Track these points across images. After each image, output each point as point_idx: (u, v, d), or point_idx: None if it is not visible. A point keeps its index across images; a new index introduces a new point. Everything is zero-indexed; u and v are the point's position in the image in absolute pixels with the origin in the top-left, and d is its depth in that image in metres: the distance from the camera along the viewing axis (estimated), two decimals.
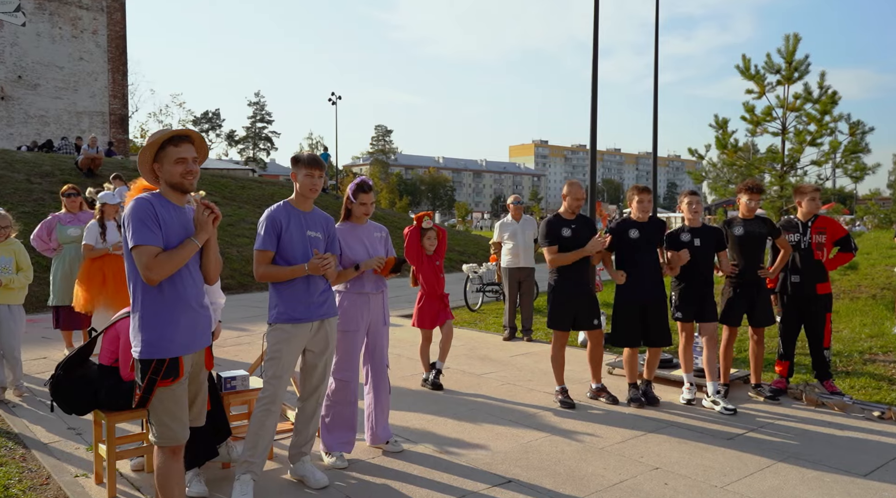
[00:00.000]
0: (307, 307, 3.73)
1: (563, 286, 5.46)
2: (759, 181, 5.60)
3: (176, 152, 2.90)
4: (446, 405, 5.49)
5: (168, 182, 2.93)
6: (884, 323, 8.11)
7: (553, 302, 5.53)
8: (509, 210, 8.63)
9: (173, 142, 2.91)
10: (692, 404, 5.42)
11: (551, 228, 5.46)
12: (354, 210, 4.29)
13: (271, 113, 66.81)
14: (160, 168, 2.93)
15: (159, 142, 2.89)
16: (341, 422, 4.20)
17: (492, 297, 11.36)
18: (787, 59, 9.52)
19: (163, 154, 2.91)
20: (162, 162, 2.92)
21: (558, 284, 5.48)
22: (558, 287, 5.48)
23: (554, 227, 5.47)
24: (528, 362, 7.12)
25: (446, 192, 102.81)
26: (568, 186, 5.59)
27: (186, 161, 2.91)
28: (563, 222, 5.49)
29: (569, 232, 5.43)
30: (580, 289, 5.48)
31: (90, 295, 6.22)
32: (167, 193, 2.94)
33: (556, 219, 5.54)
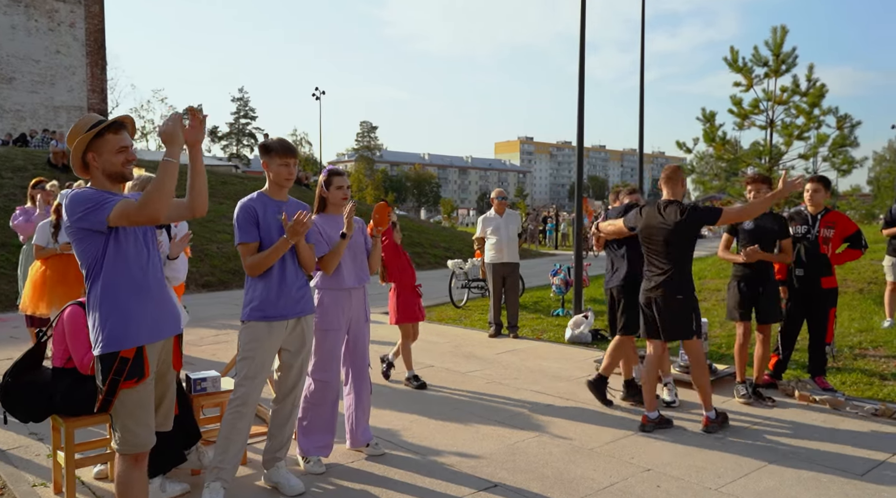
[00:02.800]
0: (283, 304, 3.53)
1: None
2: (765, 173, 5.39)
3: (117, 140, 2.72)
4: (430, 405, 5.30)
5: (108, 172, 2.73)
6: (872, 318, 8.03)
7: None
8: (492, 204, 8.45)
9: (112, 129, 2.71)
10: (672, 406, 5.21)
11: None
12: (331, 197, 4.08)
13: (255, 109, 66.16)
14: (96, 157, 2.72)
15: (97, 130, 2.68)
16: (319, 424, 4.00)
17: (477, 293, 11.19)
18: (775, 51, 9.42)
19: (100, 142, 2.70)
20: (100, 151, 2.71)
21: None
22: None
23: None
24: (514, 360, 6.95)
25: (432, 189, 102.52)
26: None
27: (128, 149, 2.72)
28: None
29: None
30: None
31: (34, 296, 5.91)
32: (104, 185, 2.74)
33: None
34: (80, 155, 2.73)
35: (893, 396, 5.38)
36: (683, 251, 4.67)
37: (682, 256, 4.67)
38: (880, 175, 59.16)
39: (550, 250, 25.54)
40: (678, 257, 4.65)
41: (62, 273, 5.79)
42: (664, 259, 4.66)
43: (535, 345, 7.74)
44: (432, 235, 22.06)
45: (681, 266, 4.66)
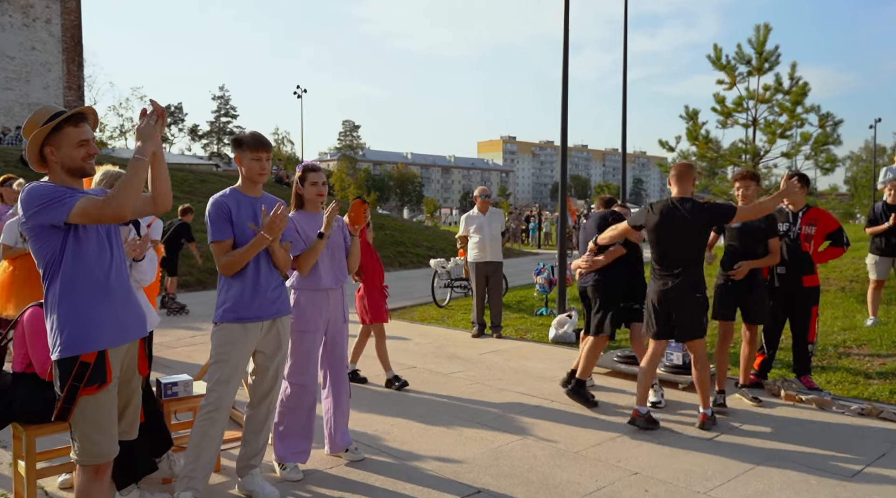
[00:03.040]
0: (258, 304, 3.39)
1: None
2: (753, 169, 5.28)
3: (77, 134, 2.56)
4: (412, 407, 5.17)
5: (68, 166, 2.58)
6: (855, 316, 8.03)
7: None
8: (475, 202, 8.33)
9: (72, 122, 2.56)
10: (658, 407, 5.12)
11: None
12: (306, 194, 3.94)
13: (236, 107, 65.43)
14: (55, 152, 2.56)
15: (55, 123, 2.53)
16: (296, 430, 3.86)
17: (460, 292, 11.08)
18: (758, 49, 9.40)
19: (59, 136, 2.54)
20: (58, 145, 2.55)
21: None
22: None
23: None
24: (497, 360, 6.84)
25: (415, 188, 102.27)
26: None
27: (89, 142, 2.57)
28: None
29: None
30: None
31: (1, 298, 5.68)
32: (63, 180, 2.58)
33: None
34: (38, 149, 2.57)
35: (879, 395, 5.35)
36: (700, 248, 4.66)
37: (699, 252, 4.66)
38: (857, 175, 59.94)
39: (533, 249, 25.52)
40: (696, 254, 4.63)
41: (31, 274, 5.57)
42: (681, 256, 4.60)
43: (519, 345, 7.64)
44: (415, 235, 21.93)
45: (698, 263, 4.65)
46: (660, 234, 4.66)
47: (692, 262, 4.61)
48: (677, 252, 4.61)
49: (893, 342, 6.84)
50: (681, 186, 4.71)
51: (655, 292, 4.70)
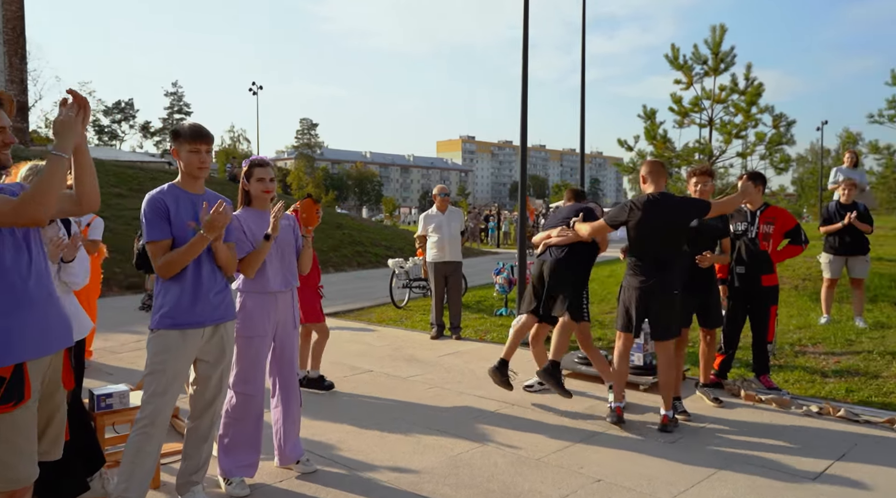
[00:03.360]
0: (199, 309, 3.14)
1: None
2: (709, 165, 5.22)
3: None
4: (368, 414, 4.97)
5: None
6: (809, 314, 8.13)
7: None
8: (434, 201, 8.16)
9: None
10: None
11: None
12: (253, 190, 3.71)
13: (190, 104, 63.55)
14: None
15: None
16: (243, 442, 3.62)
17: (419, 293, 10.88)
18: (714, 50, 9.47)
19: None
20: None
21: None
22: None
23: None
24: (456, 363, 6.68)
25: (374, 187, 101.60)
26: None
27: (6, 131, 2.32)
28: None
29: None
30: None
31: None
32: None
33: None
34: None
35: (835, 394, 5.37)
36: (682, 244, 4.66)
37: (681, 248, 4.66)
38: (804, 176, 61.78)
39: (493, 249, 25.49)
40: (679, 250, 4.65)
41: None
42: (665, 252, 4.57)
43: (479, 346, 7.50)
44: (373, 234, 21.65)
45: (679, 260, 4.65)
46: (644, 231, 4.59)
47: (675, 258, 4.61)
48: (661, 248, 4.57)
49: (847, 340, 6.93)
50: (657, 183, 4.68)
51: (635, 288, 4.62)
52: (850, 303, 8.09)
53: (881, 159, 18.56)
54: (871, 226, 7.50)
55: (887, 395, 5.32)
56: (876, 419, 4.67)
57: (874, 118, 17.62)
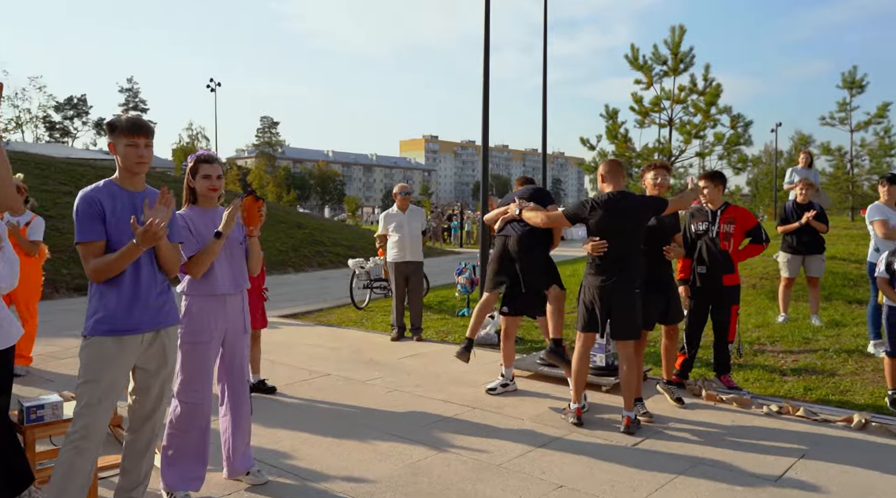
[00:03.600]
0: (137, 314, 2.93)
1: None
2: (666, 161, 5.17)
3: None
4: (324, 420, 4.79)
5: None
6: (767, 313, 8.22)
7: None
8: (395, 200, 8.01)
9: None
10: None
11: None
12: (198, 187, 3.51)
13: (146, 101, 61.75)
14: None
15: None
16: (188, 453, 3.42)
17: (380, 293, 10.71)
18: (673, 50, 9.52)
19: None
20: None
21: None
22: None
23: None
24: (417, 365, 6.54)
25: (336, 187, 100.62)
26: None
27: None
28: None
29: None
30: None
31: None
32: None
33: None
34: None
35: (794, 392, 5.39)
36: (641, 242, 4.66)
37: (639, 246, 4.66)
38: (758, 176, 63.27)
39: (455, 248, 25.41)
40: (638, 248, 4.64)
41: None
42: (626, 250, 4.54)
43: (440, 348, 7.37)
44: (334, 233, 21.36)
45: (639, 258, 4.63)
46: (605, 229, 4.55)
47: (635, 256, 4.60)
48: (622, 246, 4.55)
49: (803, 338, 7.01)
50: (616, 181, 4.67)
51: (596, 287, 4.57)
52: (806, 301, 8.21)
53: (832, 160, 19.03)
54: (826, 225, 7.61)
55: (844, 393, 5.36)
56: (834, 418, 4.69)
57: (826, 120, 18.06)
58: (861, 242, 12.17)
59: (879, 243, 6.21)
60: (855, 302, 8.56)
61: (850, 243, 12.28)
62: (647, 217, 4.65)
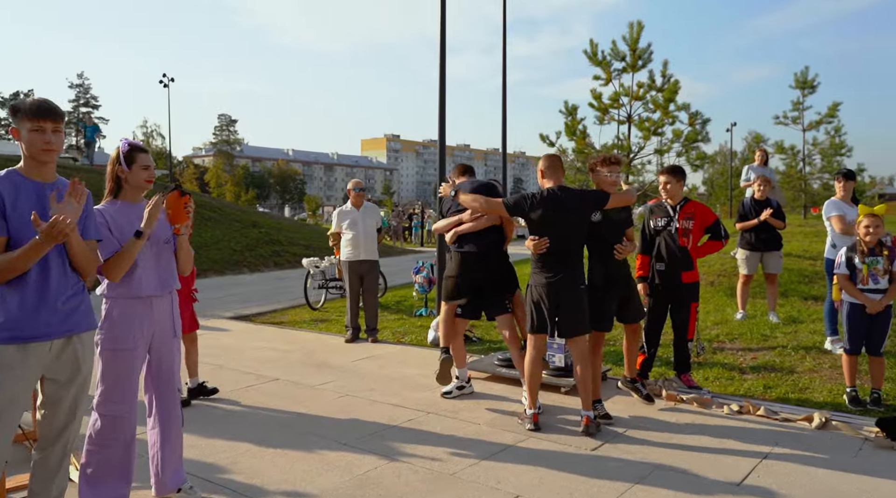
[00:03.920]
0: (44, 319, 2.63)
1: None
2: (617, 155, 4.95)
3: None
4: (269, 429, 4.51)
5: None
6: (725, 310, 8.20)
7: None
8: (349, 196, 7.73)
9: None
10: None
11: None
12: (133, 179, 3.19)
13: (98, 97, 59.58)
14: None
15: None
16: (110, 471, 3.11)
17: (336, 293, 10.41)
18: (632, 46, 9.46)
19: None
20: None
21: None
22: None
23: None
24: (371, 368, 6.28)
25: (296, 186, 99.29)
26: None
27: None
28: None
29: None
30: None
31: None
32: None
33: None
34: None
35: (754, 391, 5.32)
36: (584, 237, 4.56)
37: (583, 242, 4.57)
38: (713, 176, 64.54)
39: (416, 247, 25.16)
40: (582, 244, 4.55)
41: None
42: (571, 246, 4.46)
43: (395, 349, 7.13)
44: (292, 233, 20.92)
45: (581, 254, 4.53)
46: (547, 225, 4.43)
47: (579, 252, 4.52)
48: (565, 242, 4.45)
49: (762, 335, 6.98)
50: (556, 176, 4.60)
51: (543, 285, 4.43)
52: (764, 298, 8.21)
53: (786, 159, 19.36)
54: (783, 222, 7.61)
55: (803, 391, 5.30)
56: (794, 417, 4.61)
57: (780, 120, 18.37)
58: (814, 239, 12.35)
59: (836, 239, 6.20)
60: (811, 298, 8.61)
61: (804, 240, 12.45)
62: (588, 211, 4.51)
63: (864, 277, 4.92)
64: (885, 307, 4.88)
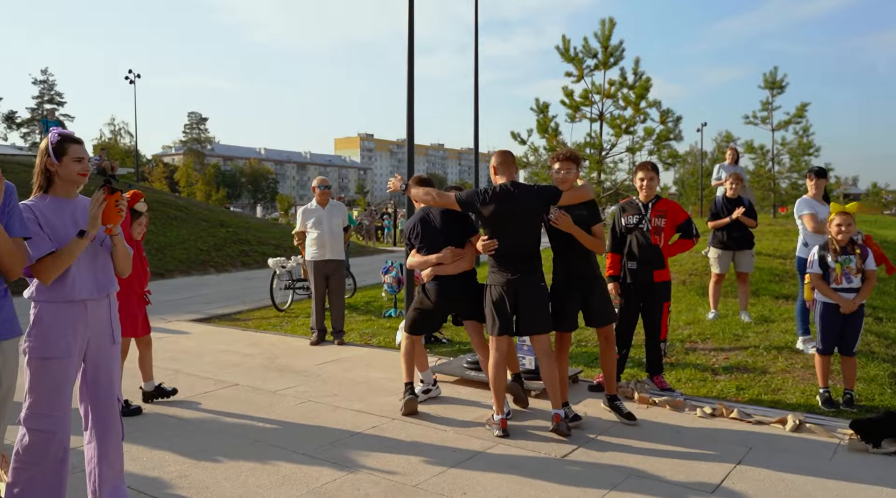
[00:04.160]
0: None
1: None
2: (573, 150, 4.73)
3: None
4: (223, 439, 4.27)
5: None
6: (697, 309, 8.12)
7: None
8: (314, 194, 7.49)
9: None
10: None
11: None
12: (64, 172, 2.93)
13: (63, 93, 57.77)
14: None
15: None
16: (40, 490, 2.85)
17: (303, 294, 10.13)
18: (604, 43, 9.35)
19: None
20: None
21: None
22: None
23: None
24: (336, 371, 6.06)
25: (269, 185, 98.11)
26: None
27: None
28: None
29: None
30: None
31: None
32: None
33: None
34: None
35: (727, 392, 5.21)
36: (539, 233, 4.39)
37: (539, 238, 4.40)
38: (684, 176, 65.27)
39: (389, 247, 24.90)
40: (538, 240, 4.38)
41: None
42: (527, 243, 4.32)
43: (362, 352, 6.91)
44: (261, 232, 20.51)
45: (538, 251, 4.39)
46: (502, 222, 4.30)
47: (536, 249, 4.39)
48: (520, 238, 4.32)
49: (734, 335, 6.90)
50: (508, 172, 4.46)
51: (501, 284, 4.28)
52: (735, 298, 8.15)
53: (755, 159, 19.50)
54: (755, 221, 7.55)
55: (776, 391, 5.21)
56: (768, 420, 4.50)
57: (749, 119, 18.48)
58: (784, 238, 12.40)
59: (808, 238, 6.13)
60: (782, 297, 8.59)
61: (773, 239, 12.49)
62: (541, 207, 4.36)
63: (838, 276, 4.84)
64: (858, 307, 4.81)
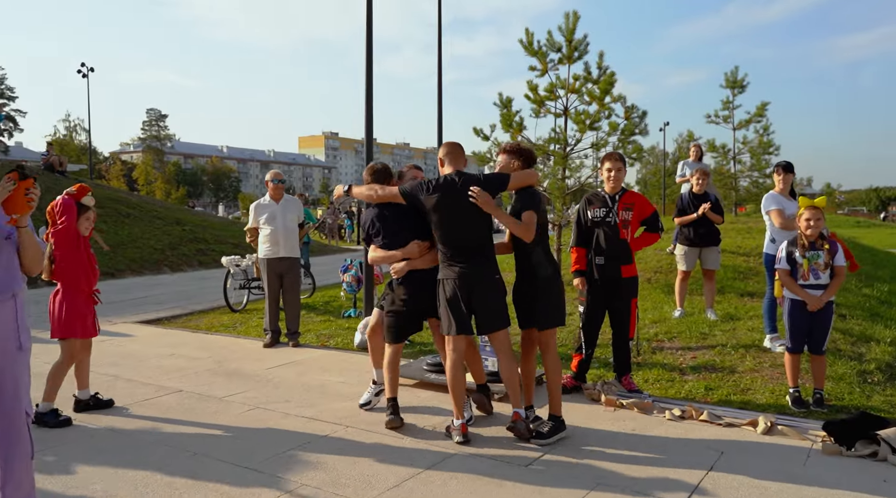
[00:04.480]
0: None
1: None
2: (517, 143, 4.45)
3: None
4: (159, 451, 3.91)
5: None
6: (663, 307, 7.98)
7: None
8: (268, 189, 7.13)
9: None
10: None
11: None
12: None
13: (14, 88, 55.34)
14: None
15: None
16: None
17: (259, 294, 9.71)
18: (568, 37, 9.15)
19: None
20: None
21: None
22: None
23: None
24: (288, 375, 5.72)
25: (231, 184, 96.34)
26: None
27: None
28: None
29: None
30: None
31: None
32: None
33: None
34: None
35: (695, 393, 5.04)
36: (490, 225, 4.14)
37: (490, 230, 4.14)
38: (646, 176, 66.13)
39: (352, 246, 24.49)
40: (489, 232, 4.12)
41: None
42: (475, 234, 4.04)
43: (318, 354, 6.58)
44: (219, 231, 19.92)
45: (491, 242, 4.13)
46: (447, 214, 4.05)
47: (487, 241, 4.12)
48: (471, 231, 4.05)
49: (701, 334, 6.76)
50: (455, 163, 4.19)
51: (451, 280, 4.01)
52: (700, 295, 8.04)
53: (717, 157, 19.63)
54: (722, 217, 7.44)
55: (745, 391, 5.06)
56: (738, 422, 4.32)
57: (711, 118, 18.58)
58: (747, 235, 12.40)
59: (776, 234, 6.00)
60: (747, 295, 8.50)
61: (736, 236, 12.48)
62: (493, 196, 4.08)
63: (805, 272, 4.69)
64: (826, 304, 4.67)
